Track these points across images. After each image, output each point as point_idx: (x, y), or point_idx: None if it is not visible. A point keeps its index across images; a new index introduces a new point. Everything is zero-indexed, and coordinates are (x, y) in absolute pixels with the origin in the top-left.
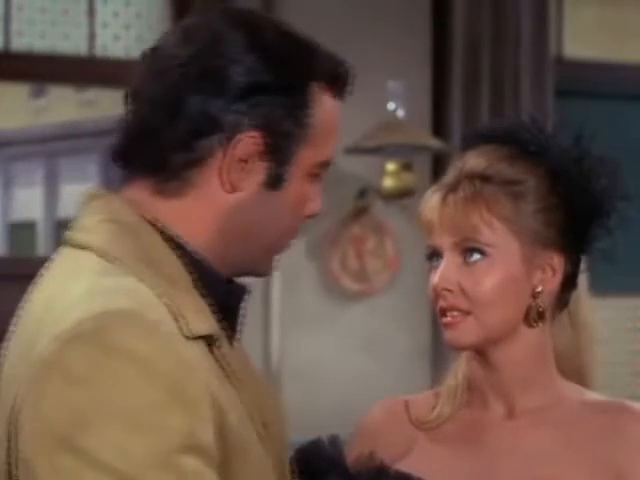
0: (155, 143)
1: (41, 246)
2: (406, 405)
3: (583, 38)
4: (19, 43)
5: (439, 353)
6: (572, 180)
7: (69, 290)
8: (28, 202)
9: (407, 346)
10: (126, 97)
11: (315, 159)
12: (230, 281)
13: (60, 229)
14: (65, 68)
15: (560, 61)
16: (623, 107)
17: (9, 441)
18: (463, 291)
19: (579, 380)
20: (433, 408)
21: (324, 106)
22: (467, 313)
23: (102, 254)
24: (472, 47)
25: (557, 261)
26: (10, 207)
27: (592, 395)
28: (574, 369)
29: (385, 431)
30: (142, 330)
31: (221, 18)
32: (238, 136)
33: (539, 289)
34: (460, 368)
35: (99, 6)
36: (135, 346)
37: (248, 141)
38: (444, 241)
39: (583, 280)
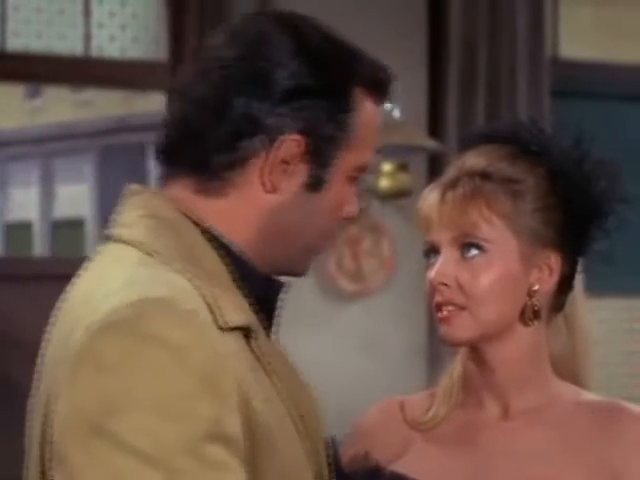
0: (198, 143)
1: (37, 246)
2: (401, 406)
3: (579, 38)
4: (15, 43)
5: (436, 352)
6: (571, 180)
7: (107, 282)
8: (24, 202)
9: (404, 346)
10: (169, 96)
11: (355, 162)
12: (269, 278)
13: (56, 229)
14: (61, 68)
15: (556, 61)
16: (619, 107)
17: (43, 432)
18: (460, 286)
19: (575, 384)
20: (428, 409)
21: (365, 110)
22: (462, 308)
23: (142, 248)
24: (468, 47)
25: (554, 261)
26: (6, 207)
27: (587, 395)
28: (570, 373)
29: (381, 432)
30: (177, 318)
31: (266, 21)
32: (281, 138)
33: (535, 288)
34: (455, 368)
35: (95, 6)
36: (170, 334)
37: (291, 143)
38: (442, 237)
39: (579, 283)
